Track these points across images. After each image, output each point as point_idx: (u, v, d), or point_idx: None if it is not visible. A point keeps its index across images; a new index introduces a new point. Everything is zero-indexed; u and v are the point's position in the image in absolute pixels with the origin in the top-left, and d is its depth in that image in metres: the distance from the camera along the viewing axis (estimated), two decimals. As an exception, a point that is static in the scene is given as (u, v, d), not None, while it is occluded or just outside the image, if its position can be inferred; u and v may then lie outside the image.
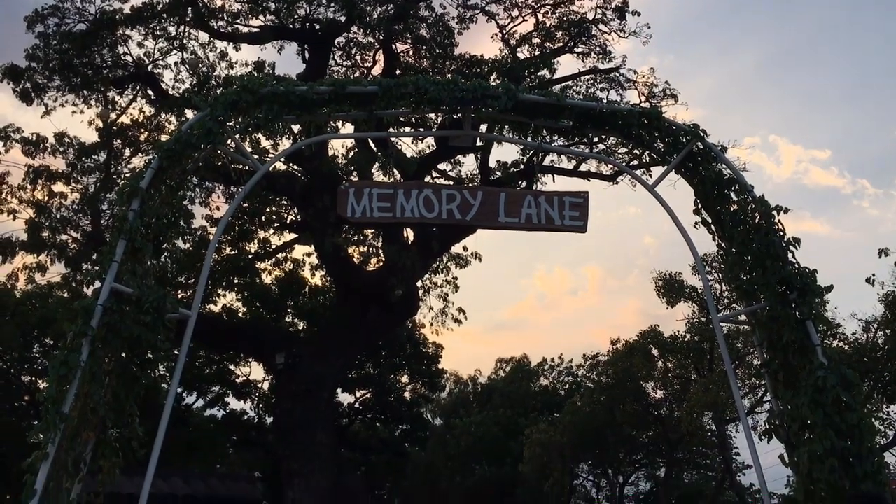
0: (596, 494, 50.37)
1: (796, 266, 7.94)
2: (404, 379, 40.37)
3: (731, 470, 34.62)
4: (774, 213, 8.20)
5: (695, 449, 41.74)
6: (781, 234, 8.14)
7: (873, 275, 16.79)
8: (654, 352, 35.28)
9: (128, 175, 18.47)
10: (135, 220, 7.47)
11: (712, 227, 8.67)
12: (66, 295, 25.57)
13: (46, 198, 20.51)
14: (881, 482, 6.96)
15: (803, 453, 7.13)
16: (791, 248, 8.08)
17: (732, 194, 8.52)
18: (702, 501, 41.35)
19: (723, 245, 8.62)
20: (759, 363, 8.52)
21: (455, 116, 9.48)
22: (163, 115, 20.93)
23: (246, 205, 23.05)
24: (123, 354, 7.32)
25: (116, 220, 7.95)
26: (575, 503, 51.41)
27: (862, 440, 7.01)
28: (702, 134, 8.78)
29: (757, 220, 8.24)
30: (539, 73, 20.75)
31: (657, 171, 10.12)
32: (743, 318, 8.83)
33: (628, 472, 46.56)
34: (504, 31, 22.05)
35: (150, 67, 21.02)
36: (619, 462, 43.17)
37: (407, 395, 41.24)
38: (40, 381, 29.00)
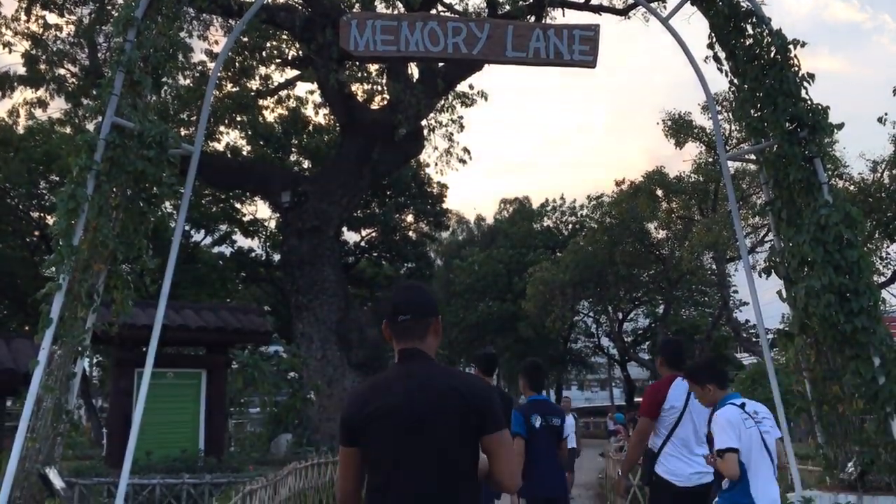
0: (596, 330, 52.06)
1: (808, 103, 7.79)
2: (409, 218, 40.73)
3: (729, 307, 35.56)
4: (790, 47, 7.95)
5: (694, 287, 42.74)
6: (796, 69, 7.92)
7: (885, 114, 16.47)
8: (659, 192, 35.40)
9: (122, 6, 17.85)
10: (132, 52, 7.27)
11: (725, 63, 8.43)
12: (68, 131, 25.43)
13: (41, 30, 19.96)
14: (876, 318, 7.13)
15: (801, 289, 7.26)
16: (805, 84, 7.89)
17: (749, 27, 8.21)
18: (698, 336, 42.72)
19: (735, 81, 8.41)
20: (762, 203, 8.50)
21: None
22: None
23: (246, 39, 22.45)
24: (129, 191, 7.33)
25: (113, 53, 7.76)
26: (575, 338, 53.23)
27: (860, 276, 7.12)
28: (721, -38, 8.37)
29: (772, 55, 7.99)
30: None
31: (672, 4, 9.74)
32: (750, 156, 8.76)
33: (628, 309, 47.88)
34: None
35: None
36: (619, 299, 44.28)
37: (412, 234, 41.71)
38: (48, 217, 29.35)
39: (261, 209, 51.67)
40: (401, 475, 2.88)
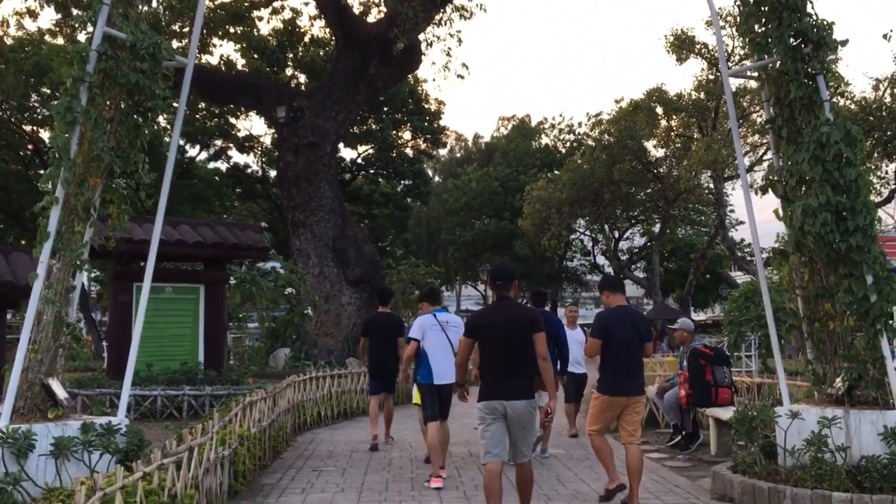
0: (592, 248, 52.29)
1: (814, 18, 7.63)
2: (406, 135, 40.40)
3: (725, 226, 35.63)
4: (798, -42, 7.72)
5: (691, 206, 42.75)
6: (803, -18, 7.72)
7: (891, 30, 16.12)
8: (659, 110, 35.04)
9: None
10: (122, -41, 7.06)
11: (731, -26, 8.21)
12: (59, 42, 24.97)
13: (27, -64, 19.36)
14: (871, 236, 7.13)
15: (798, 207, 7.25)
16: (810, -2, 7.70)
17: (755, -63, 7.96)
18: (693, 255, 42.97)
19: (740, -6, 8.21)
20: (763, 120, 8.41)
21: None
22: None
23: (239, -53, 21.84)
24: (123, 104, 7.23)
25: (103, -40, 7.52)
26: (571, 256, 53.51)
27: (858, 195, 7.09)
28: None
29: (778, -34, 7.77)
30: None
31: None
32: (753, 73, 8.62)
33: (624, 227, 48.01)
34: None
35: None
36: (615, 218, 44.36)
37: (409, 151, 41.43)
38: (41, 130, 29.08)
39: (256, 125, 51.01)
40: (500, 353, 5.96)
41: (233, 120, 35.57)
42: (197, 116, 32.98)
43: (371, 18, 24.28)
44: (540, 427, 8.56)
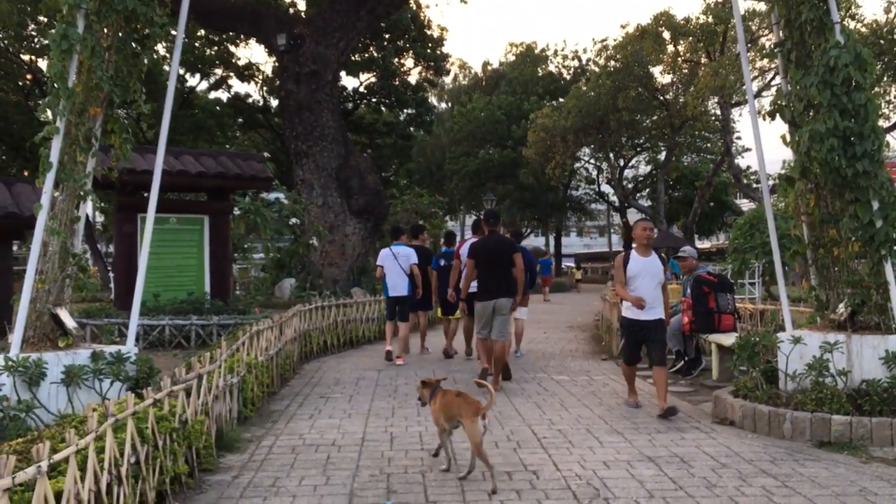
0: (596, 177, 52.02)
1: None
2: (409, 63, 39.77)
3: (731, 153, 35.34)
4: None
5: (697, 133, 42.32)
6: None
7: (906, -50, 15.63)
8: (666, 35, 34.41)
9: None
10: None
11: None
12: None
13: None
14: (878, 162, 7.06)
15: (805, 132, 7.17)
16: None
17: None
18: (699, 182, 42.76)
19: (751, -87, 7.96)
20: (771, 44, 8.24)
21: None
22: None
23: None
24: (121, 32, 7.10)
25: None
26: (576, 185, 53.27)
27: (866, 120, 7.00)
28: None
29: None
30: None
31: None
32: (762, -6, 8.43)
33: (629, 155, 47.66)
34: None
35: None
36: (620, 146, 44.01)
37: (412, 79, 40.86)
38: (40, 60, 28.71)
39: (256, 53, 50.28)
40: (491, 269, 9.29)
41: (232, 48, 35.02)
42: (196, 45, 32.47)
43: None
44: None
